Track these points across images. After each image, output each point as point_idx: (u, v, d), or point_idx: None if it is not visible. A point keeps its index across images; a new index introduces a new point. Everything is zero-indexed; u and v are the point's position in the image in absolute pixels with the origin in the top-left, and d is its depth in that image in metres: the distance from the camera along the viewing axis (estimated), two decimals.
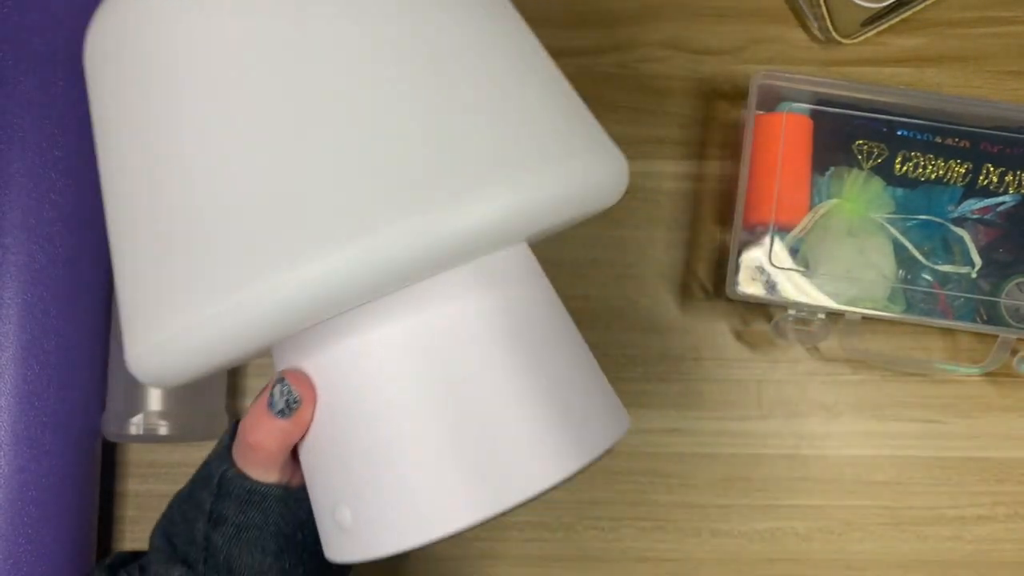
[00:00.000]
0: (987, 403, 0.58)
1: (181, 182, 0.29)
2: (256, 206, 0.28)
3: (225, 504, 0.36)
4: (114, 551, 0.56)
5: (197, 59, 0.30)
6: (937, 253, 0.55)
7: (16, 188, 0.51)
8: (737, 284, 0.54)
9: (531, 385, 0.32)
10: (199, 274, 0.29)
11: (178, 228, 0.29)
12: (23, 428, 0.50)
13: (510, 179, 0.29)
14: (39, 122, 0.52)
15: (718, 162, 0.59)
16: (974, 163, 0.56)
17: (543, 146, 0.31)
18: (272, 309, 0.28)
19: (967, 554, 0.57)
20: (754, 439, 0.57)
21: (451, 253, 0.28)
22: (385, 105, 0.29)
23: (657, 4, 0.61)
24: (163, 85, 0.30)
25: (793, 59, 0.60)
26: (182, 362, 0.30)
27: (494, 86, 0.31)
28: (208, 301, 0.28)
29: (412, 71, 0.30)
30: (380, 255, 0.27)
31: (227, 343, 0.29)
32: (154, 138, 0.30)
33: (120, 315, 0.33)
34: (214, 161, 0.29)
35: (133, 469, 0.57)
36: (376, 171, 0.28)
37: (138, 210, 0.31)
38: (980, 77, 0.60)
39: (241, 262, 0.28)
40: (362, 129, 0.28)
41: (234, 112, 0.29)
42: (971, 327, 0.56)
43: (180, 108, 0.30)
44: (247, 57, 0.29)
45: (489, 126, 0.30)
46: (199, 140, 0.29)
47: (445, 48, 0.31)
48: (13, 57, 0.51)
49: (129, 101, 0.31)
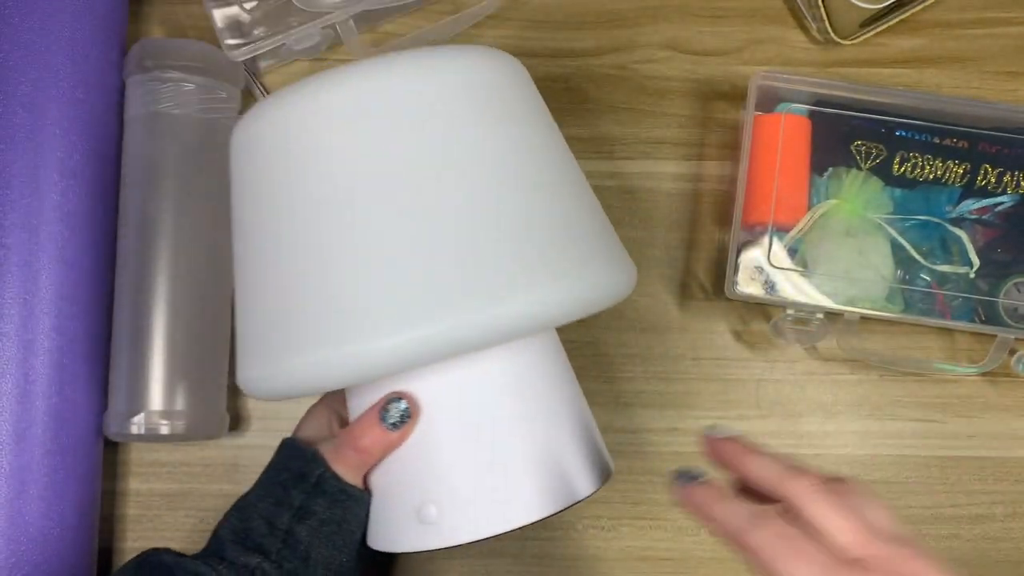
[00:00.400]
0: (985, 403, 0.58)
1: (309, 256, 0.39)
2: (365, 288, 0.38)
3: (317, 501, 0.42)
4: (115, 550, 0.57)
5: (328, 164, 0.39)
6: (935, 253, 0.55)
7: (16, 188, 0.51)
8: (736, 284, 0.54)
9: (530, 433, 0.42)
10: (312, 329, 0.38)
11: (303, 289, 0.39)
12: (24, 427, 0.50)
13: (549, 289, 0.38)
14: (39, 122, 0.52)
15: (717, 163, 0.60)
16: (972, 163, 0.56)
17: (579, 262, 0.40)
18: (369, 364, 0.37)
19: (965, 553, 0.57)
20: (753, 438, 0.57)
21: (496, 338, 0.38)
22: (468, 227, 0.38)
23: (656, 5, 0.61)
24: (300, 177, 0.40)
25: (792, 60, 0.60)
26: (286, 389, 0.40)
27: (544, 210, 0.40)
28: (318, 350, 0.38)
29: (490, 198, 0.39)
30: (447, 336, 0.37)
31: (325, 381, 0.38)
32: (288, 215, 0.40)
33: (238, 342, 0.43)
34: (334, 249, 0.38)
35: (135, 468, 0.57)
36: (451, 275, 0.37)
37: (268, 267, 0.41)
38: (978, 78, 0.60)
39: (351, 326, 0.37)
40: (444, 249, 0.38)
41: (351, 213, 0.38)
42: (969, 327, 0.56)
43: (312, 197, 0.39)
44: (357, 170, 0.39)
45: (536, 244, 0.39)
46: (322, 229, 0.39)
47: (517, 174, 0.40)
48: (13, 57, 0.52)
49: (271, 184, 0.41)
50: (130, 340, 0.53)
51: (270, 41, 0.55)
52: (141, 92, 0.54)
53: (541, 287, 0.38)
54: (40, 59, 0.52)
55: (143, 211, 0.54)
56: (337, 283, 0.38)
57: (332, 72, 0.41)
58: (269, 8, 0.56)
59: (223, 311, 0.56)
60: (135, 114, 0.55)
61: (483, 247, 0.38)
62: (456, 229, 0.38)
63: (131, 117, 0.55)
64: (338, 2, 0.55)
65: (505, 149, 0.41)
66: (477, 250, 0.38)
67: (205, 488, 0.57)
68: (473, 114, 0.40)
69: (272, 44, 0.55)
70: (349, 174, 0.39)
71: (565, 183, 0.43)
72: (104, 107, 0.55)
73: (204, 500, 0.57)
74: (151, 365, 0.53)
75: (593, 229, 0.43)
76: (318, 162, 0.39)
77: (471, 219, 0.38)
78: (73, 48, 0.53)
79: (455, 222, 0.38)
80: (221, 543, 0.43)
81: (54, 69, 0.52)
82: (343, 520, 0.43)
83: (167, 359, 0.53)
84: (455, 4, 0.61)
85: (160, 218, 0.54)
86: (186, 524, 0.57)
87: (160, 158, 0.54)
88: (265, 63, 0.59)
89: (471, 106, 0.40)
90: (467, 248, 0.38)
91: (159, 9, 0.61)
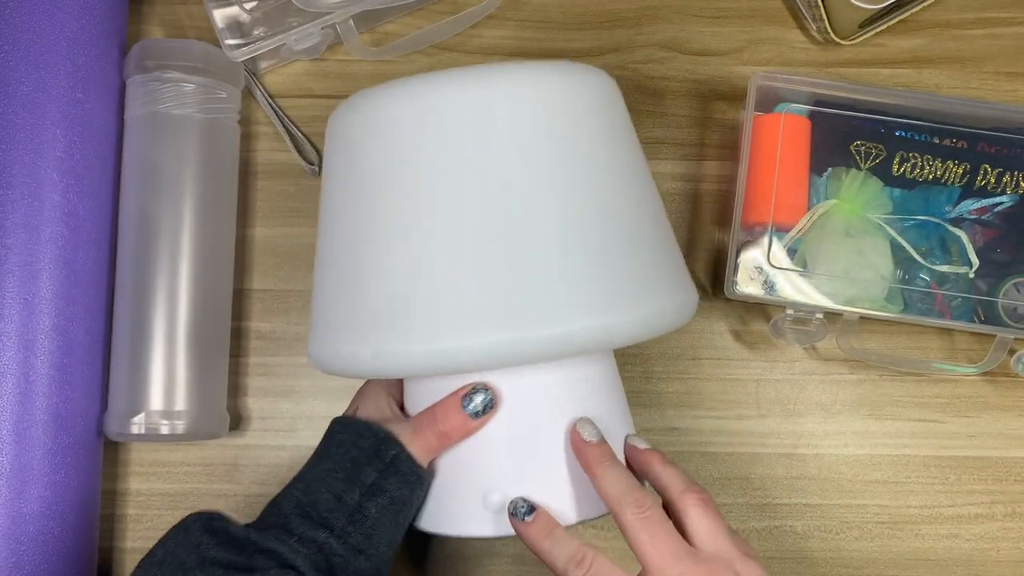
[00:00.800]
0: (985, 402, 0.58)
1: (405, 252, 0.41)
2: (461, 291, 0.40)
3: (390, 480, 0.44)
4: (115, 550, 0.57)
5: (437, 163, 0.41)
6: (935, 253, 0.55)
7: (16, 188, 0.51)
8: (736, 284, 0.55)
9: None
10: (411, 321, 0.41)
11: (402, 282, 0.41)
12: (25, 427, 0.50)
13: (623, 314, 0.41)
14: (39, 122, 0.52)
15: (717, 163, 0.60)
16: (972, 164, 0.56)
17: (651, 291, 0.43)
18: (457, 360, 0.40)
19: (964, 553, 0.57)
20: (752, 438, 0.58)
21: (568, 352, 0.41)
22: (559, 245, 0.41)
23: (656, 5, 0.61)
24: (405, 173, 0.42)
25: (791, 60, 0.60)
26: (369, 372, 0.43)
27: (628, 235, 0.43)
28: (414, 342, 0.40)
29: (588, 227, 0.42)
30: (529, 345, 0.40)
31: (412, 370, 0.41)
32: (394, 211, 0.42)
33: (313, 318, 0.46)
34: (436, 250, 0.41)
35: (135, 468, 0.57)
36: (541, 290, 0.40)
37: (352, 254, 0.43)
38: (978, 78, 0.60)
39: (445, 325, 0.40)
40: (536, 264, 0.40)
41: (455, 217, 0.41)
42: (969, 327, 0.56)
43: (416, 194, 0.41)
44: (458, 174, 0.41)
45: (615, 269, 0.42)
46: (424, 228, 0.41)
47: (610, 197, 0.43)
48: (13, 57, 0.52)
49: (367, 173, 0.43)
50: (130, 340, 0.53)
51: (270, 41, 0.55)
52: (141, 92, 0.54)
53: (615, 312, 0.41)
54: (40, 59, 0.52)
55: (143, 211, 0.54)
56: (438, 282, 0.40)
57: (451, 74, 0.42)
58: (269, 8, 0.56)
59: (223, 311, 0.56)
60: (135, 114, 0.55)
61: (570, 267, 0.41)
62: (548, 246, 0.41)
63: (131, 117, 0.55)
64: (338, 2, 0.55)
65: (600, 170, 0.43)
66: (565, 270, 0.41)
67: (205, 488, 0.57)
68: (575, 133, 0.42)
69: (272, 44, 0.55)
70: (453, 177, 0.41)
71: (648, 204, 0.45)
72: (104, 107, 0.55)
73: (204, 500, 0.57)
74: (151, 365, 0.53)
75: (667, 254, 0.45)
76: (426, 160, 0.41)
77: (562, 238, 0.41)
78: (73, 48, 0.53)
79: (548, 239, 0.41)
80: (286, 516, 0.43)
81: (54, 69, 0.52)
82: (409, 500, 0.44)
83: (167, 359, 0.53)
84: (455, 4, 0.61)
85: (160, 218, 0.54)
86: None
87: (160, 158, 0.54)
88: (265, 63, 0.60)
89: (573, 125, 0.42)
90: (556, 267, 0.40)
91: (159, 9, 0.61)
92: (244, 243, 0.59)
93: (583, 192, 0.42)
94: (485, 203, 0.41)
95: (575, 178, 0.42)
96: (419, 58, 0.61)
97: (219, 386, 0.56)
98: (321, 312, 0.45)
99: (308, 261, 0.59)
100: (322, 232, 0.46)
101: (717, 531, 0.41)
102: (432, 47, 0.61)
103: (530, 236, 0.40)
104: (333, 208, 0.45)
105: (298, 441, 0.58)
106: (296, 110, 0.60)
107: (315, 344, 0.46)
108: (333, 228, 0.45)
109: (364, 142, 0.43)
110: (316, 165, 0.59)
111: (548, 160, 0.41)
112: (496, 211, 0.41)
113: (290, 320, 0.58)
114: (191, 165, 0.54)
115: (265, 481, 0.57)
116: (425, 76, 0.42)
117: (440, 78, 0.42)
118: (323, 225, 0.46)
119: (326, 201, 0.46)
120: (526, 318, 0.40)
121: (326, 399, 0.58)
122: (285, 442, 0.58)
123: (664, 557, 0.39)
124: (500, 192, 0.41)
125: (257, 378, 0.58)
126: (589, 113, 0.43)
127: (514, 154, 0.41)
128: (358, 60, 0.60)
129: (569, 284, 0.40)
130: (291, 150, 0.59)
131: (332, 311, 0.44)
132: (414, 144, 0.42)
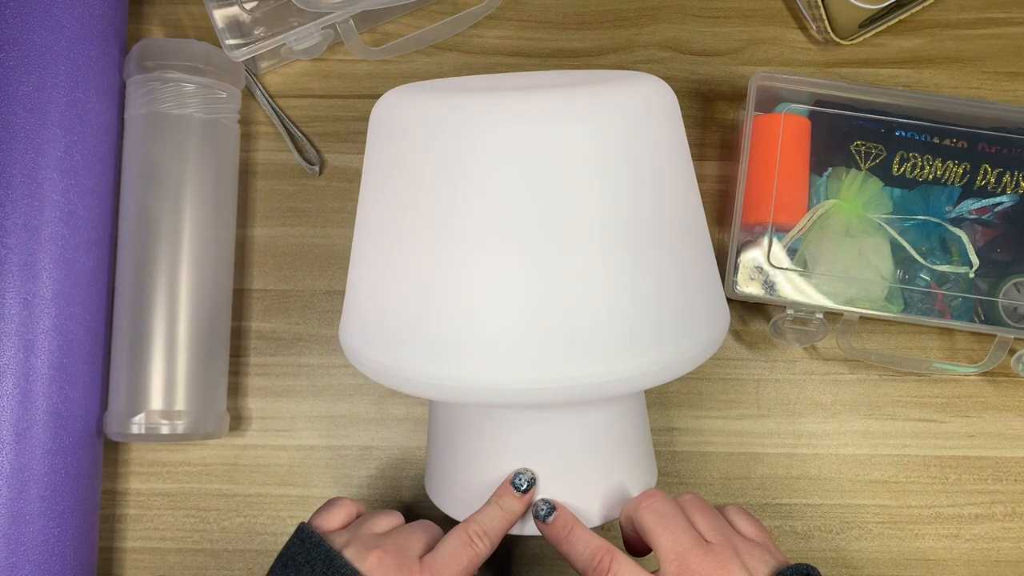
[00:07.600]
0: (985, 402, 0.58)
1: (454, 276, 0.41)
2: (503, 327, 0.41)
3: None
4: (115, 550, 0.57)
5: (474, 163, 0.41)
6: (935, 253, 0.55)
7: (16, 188, 0.51)
8: (736, 284, 0.55)
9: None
10: (446, 346, 0.41)
11: (449, 305, 0.41)
12: (24, 427, 0.50)
13: (668, 354, 0.43)
14: (39, 122, 0.52)
15: (717, 163, 0.60)
16: (972, 164, 0.56)
17: (694, 326, 0.44)
18: (493, 393, 0.41)
19: (964, 552, 0.57)
20: (752, 438, 0.58)
21: (620, 390, 0.42)
22: (607, 285, 0.41)
23: (656, 6, 0.61)
24: (449, 177, 0.41)
25: (791, 60, 0.60)
26: (375, 373, 0.44)
27: (675, 273, 0.43)
28: (451, 367, 0.41)
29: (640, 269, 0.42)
30: (567, 384, 0.41)
31: (443, 394, 0.42)
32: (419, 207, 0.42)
33: (345, 310, 0.47)
34: (480, 280, 0.41)
35: (135, 468, 0.57)
36: (583, 332, 0.41)
37: (390, 256, 0.43)
38: (978, 78, 0.60)
39: (485, 357, 0.41)
40: (578, 303, 0.41)
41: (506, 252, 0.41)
42: (969, 327, 0.56)
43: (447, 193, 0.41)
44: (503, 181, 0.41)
45: (658, 309, 0.42)
46: (468, 259, 0.41)
47: (661, 233, 0.43)
48: (13, 57, 0.52)
49: (410, 169, 0.43)
50: (130, 340, 0.53)
51: (270, 41, 0.55)
52: (141, 92, 0.54)
53: (660, 353, 0.42)
54: (40, 60, 0.52)
55: (143, 211, 0.54)
56: (483, 314, 0.41)
57: (506, 96, 0.41)
58: (269, 8, 0.56)
59: (223, 311, 0.56)
60: (135, 114, 0.55)
61: (616, 309, 0.41)
62: (597, 285, 0.41)
63: (131, 117, 0.55)
64: (338, 2, 0.55)
65: (654, 204, 0.43)
66: (611, 312, 0.41)
67: (205, 488, 0.57)
68: (626, 163, 0.42)
69: (272, 44, 0.55)
70: (506, 199, 0.41)
71: (698, 236, 0.46)
72: (104, 107, 0.55)
73: (204, 500, 0.57)
74: (151, 365, 0.53)
75: (710, 286, 0.46)
76: (474, 172, 0.41)
77: (609, 279, 0.41)
78: (73, 48, 0.53)
79: (595, 279, 0.41)
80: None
81: (54, 70, 0.52)
82: None
83: (167, 359, 0.53)
84: (455, 4, 0.61)
85: (160, 218, 0.54)
86: (186, 524, 0.57)
87: (160, 158, 0.54)
88: (265, 63, 0.60)
89: (627, 154, 0.42)
90: (603, 308, 0.41)
91: (159, 9, 0.61)
92: (244, 243, 0.59)
93: (641, 231, 0.42)
94: (544, 240, 0.41)
95: (632, 214, 0.42)
96: (419, 58, 0.61)
97: (219, 386, 0.56)
98: (371, 314, 0.45)
99: (308, 261, 0.59)
100: (366, 222, 0.46)
101: (719, 527, 0.43)
102: (432, 47, 0.61)
103: (583, 274, 0.41)
104: (387, 206, 0.44)
105: (298, 441, 0.58)
106: (296, 110, 0.60)
107: (357, 340, 0.46)
108: (386, 227, 0.44)
109: (430, 158, 0.42)
110: (316, 165, 0.59)
111: (624, 200, 0.42)
112: (552, 242, 0.41)
113: (290, 320, 0.58)
114: (191, 165, 0.54)
115: (265, 481, 0.57)
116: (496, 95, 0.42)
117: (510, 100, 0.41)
118: (373, 220, 0.46)
119: (382, 195, 0.45)
120: (569, 359, 0.41)
121: (326, 399, 0.58)
122: (285, 442, 0.58)
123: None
124: (558, 225, 0.41)
125: (257, 378, 0.58)
126: (658, 137, 0.44)
127: (578, 194, 0.41)
128: (358, 60, 0.60)
129: (621, 326, 0.41)
130: (291, 150, 0.59)
131: (388, 319, 0.44)
132: (481, 173, 0.41)
